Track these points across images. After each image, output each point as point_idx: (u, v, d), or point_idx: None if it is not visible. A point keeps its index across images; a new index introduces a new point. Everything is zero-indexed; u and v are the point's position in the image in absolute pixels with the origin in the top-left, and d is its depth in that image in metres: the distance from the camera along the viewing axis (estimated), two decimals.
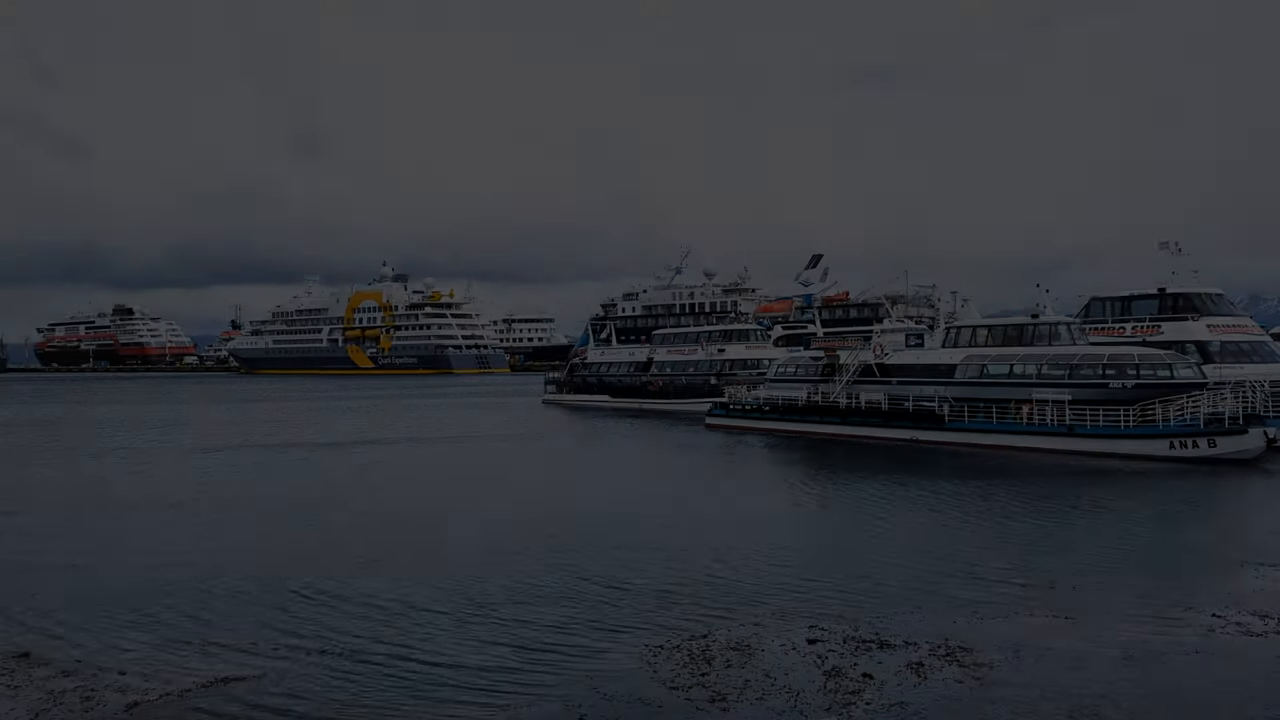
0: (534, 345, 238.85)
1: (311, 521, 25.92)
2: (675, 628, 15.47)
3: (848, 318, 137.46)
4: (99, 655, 14.46)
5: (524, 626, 15.68)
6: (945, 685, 12.56)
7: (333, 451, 45.34)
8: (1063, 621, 15.40)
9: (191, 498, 30.40)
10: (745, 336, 77.19)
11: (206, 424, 66.16)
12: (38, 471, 38.55)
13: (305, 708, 12.29)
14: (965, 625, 15.27)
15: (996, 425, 41.36)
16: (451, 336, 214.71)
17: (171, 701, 12.47)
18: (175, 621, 16.24)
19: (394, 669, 13.71)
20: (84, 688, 13.01)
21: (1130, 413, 37.14)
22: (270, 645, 14.84)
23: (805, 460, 39.24)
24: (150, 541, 23.43)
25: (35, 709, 12.21)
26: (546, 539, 22.95)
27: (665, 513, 26.58)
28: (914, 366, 46.86)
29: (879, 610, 16.27)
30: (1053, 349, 41.58)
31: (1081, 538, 22.40)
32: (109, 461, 41.80)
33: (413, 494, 30.90)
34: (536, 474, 35.80)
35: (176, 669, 13.79)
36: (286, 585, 18.64)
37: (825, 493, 30.08)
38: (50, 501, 30.22)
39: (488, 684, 13.05)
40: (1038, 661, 13.44)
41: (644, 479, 33.84)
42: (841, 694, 12.32)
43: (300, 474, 37.01)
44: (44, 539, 23.85)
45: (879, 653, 13.94)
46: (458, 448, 46.57)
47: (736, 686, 12.65)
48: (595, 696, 12.46)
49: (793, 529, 24.10)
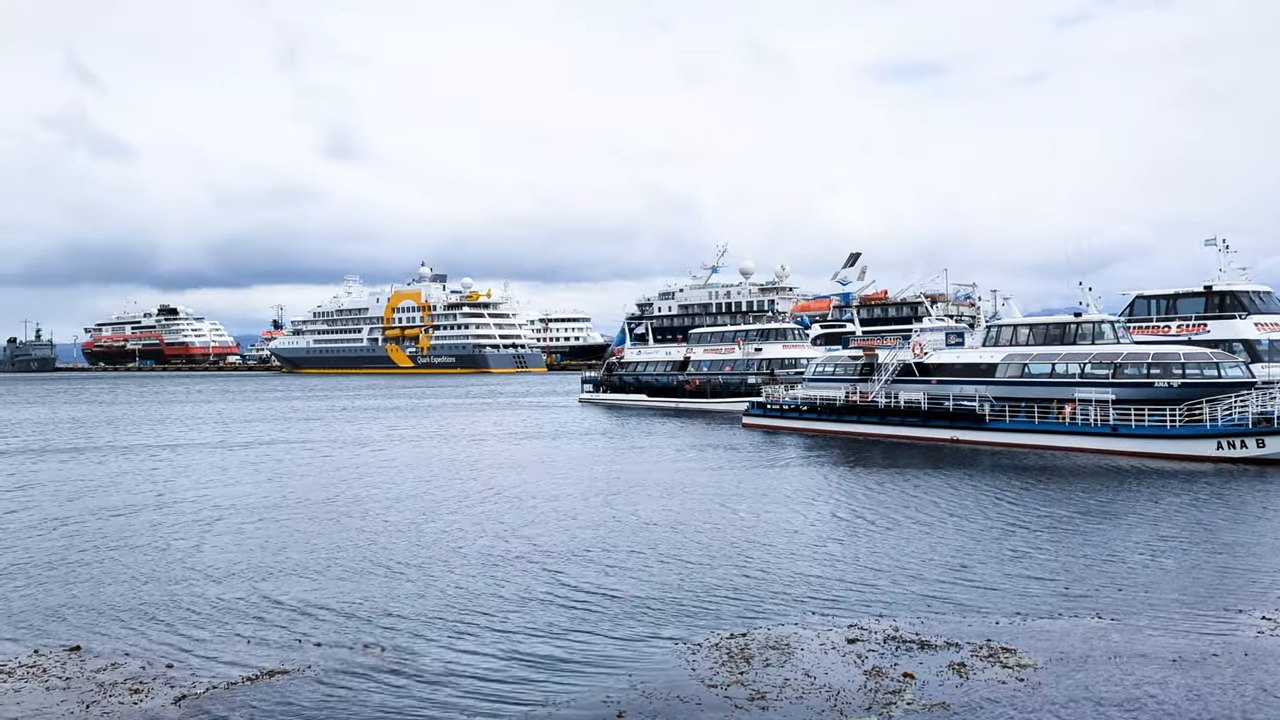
0: (570, 345, 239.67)
1: (358, 517, 26.20)
2: (713, 625, 15.47)
3: (886, 316, 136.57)
4: (147, 648, 14.73)
5: (563, 622, 15.76)
6: (988, 687, 12.44)
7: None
8: (1107, 624, 15.20)
9: (238, 494, 30.87)
10: (783, 335, 76.95)
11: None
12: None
13: (348, 703, 12.43)
14: (1008, 626, 15.12)
15: (1038, 425, 40.91)
16: (489, 336, 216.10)
17: (218, 695, 12.67)
18: (221, 615, 16.50)
19: (436, 665, 13.83)
20: (133, 680, 13.26)
21: (1176, 413, 36.57)
22: (314, 640, 15.03)
23: (843, 460, 39.03)
24: (205, 538, 23.81)
25: (86, 701, 12.45)
26: (585, 536, 23.05)
27: (702, 512, 26.55)
28: (954, 366, 46.46)
29: (920, 611, 16.16)
30: (1096, 348, 41.04)
31: (1126, 539, 22.09)
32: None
33: (454, 491, 31.08)
34: (576, 473, 35.91)
35: (223, 662, 14.01)
36: (330, 580, 18.89)
37: (864, 492, 29.90)
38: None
39: (528, 679, 13.13)
40: (1083, 664, 13.28)
41: (681, 478, 33.83)
42: (882, 693, 12.25)
43: (354, 471, 37.41)
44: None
45: (920, 653, 13.85)
46: (501, 447, 46.86)
47: (775, 685, 12.63)
48: (634, 693, 12.49)
49: (830, 529, 23.99)
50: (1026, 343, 44.03)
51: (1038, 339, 43.71)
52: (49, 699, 12.52)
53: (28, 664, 13.98)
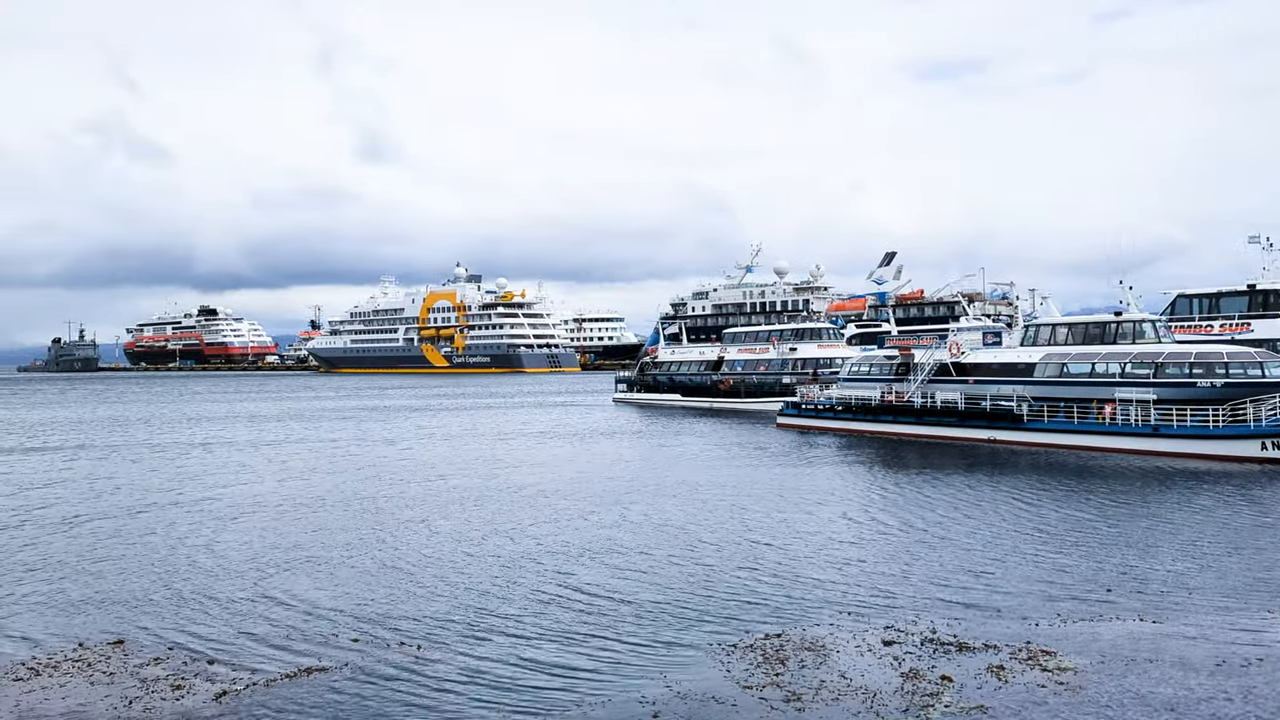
0: (604, 344, 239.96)
1: (395, 515, 26.40)
2: (748, 626, 15.42)
3: (922, 316, 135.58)
4: (189, 643, 14.94)
5: (597, 622, 15.79)
6: (1028, 690, 12.30)
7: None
8: (1149, 626, 14.98)
9: (275, 491, 31.22)
10: (818, 335, 76.54)
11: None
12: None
13: (385, 701, 12.52)
14: (1047, 629, 14.94)
15: (1077, 425, 40.42)
16: (523, 336, 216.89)
17: (257, 691, 12.81)
18: (259, 611, 16.69)
19: (471, 662, 13.90)
20: (174, 675, 13.44)
21: (1219, 413, 35.99)
22: (351, 637, 15.16)
23: (879, 460, 38.77)
24: (241, 534, 24.11)
25: (129, 695, 12.64)
26: (618, 536, 23.07)
27: (736, 512, 26.48)
28: (991, 365, 46.01)
29: (957, 612, 16.01)
30: (1137, 347, 40.47)
31: (1168, 541, 21.75)
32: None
33: (488, 489, 31.23)
34: (610, 473, 35.94)
35: (262, 659, 14.17)
36: (366, 577, 19.05)
37: (899, 493, 29.67)
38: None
39: (563, 678, 13.16)
40: (1125, 667, 13.09)
41: (715, 478, 33.76)
42: (919, 696, 12.15)
43: (397, 467, 37.73)
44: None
45: (958, 655, 13.72)
46: (535, 447, 47.01)
47: (811, 687, 12.56)
48: (669, 694, 12.48)
49: (866, 529, 23.83)
50: (1065, 342, 43.51)
51: (1077, 338, 43.18)
52: (93, 693, 12.73)
53: (72, 657, 14.22)
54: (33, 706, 12.27)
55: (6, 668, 13.80)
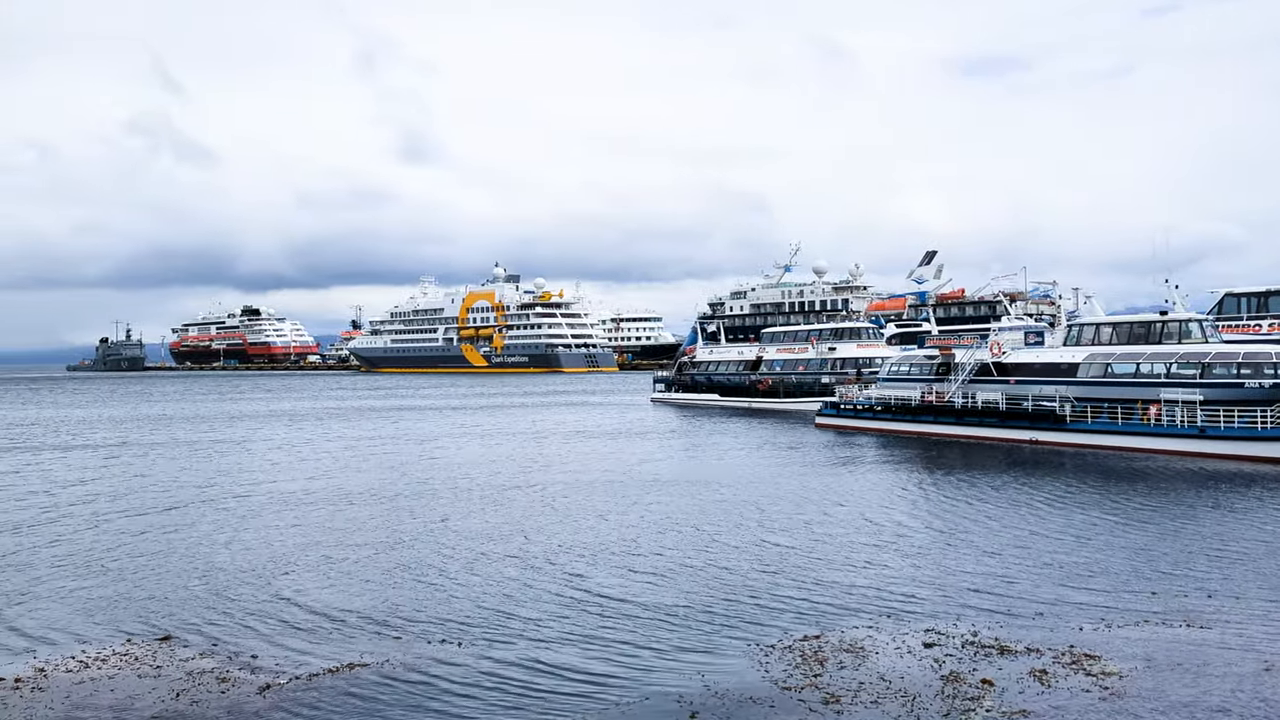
0: (641, 344, 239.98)
1: (436, 512, 26.62)
2: (786, 627, 15.38)
3: (963, 315, 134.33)
4: (234, 639, 15.18)
5: (636, 622, 15.82)
6: (1071, 695, 12.15)
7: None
8: (1196, 631, 14.74)
9: (317, 488, 31.60)
10: (857, 335, 76.08)
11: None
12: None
13: (426, 697, 12.64)
14: (1092, 633, 14.75)
15: (1121, 426, 39.85)
16: (561, 335, 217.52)
17: (301, 686, 12.99)
18: (302, 606, 16.90)
19: (512, 659, 13.99)
20: (220, 670, 13.67)
21: (1268, 414, 35.32)
22: (393, 633, 15.32)
23: (919, 460, 38.47)
24: (283, 530, 24.44)
25: (176, 689, 12.87)
26: (657, 536, 23.10)
27: (774, 512, 26.40)
28: (1033, 365, 45.48)
29: (999, 615, 15.85)
30: (1183, 347, 39.81)
31: (1215, 544, 21.37)
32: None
33: (530, 486, 31.39)
34: (650, 472, 35.97)
35: (306, 654, 14.37)
36: (408, 573, 19.23)
37: (940, 493, 29.43)
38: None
39: (601, 676, 13.20)
40: (1171, 673, 12.89)
41: (754, 478, 33.68)
42: (960, 700, 12.05)
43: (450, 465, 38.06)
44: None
45: (999, 659, 13.58)
46: (576, 446, 47.19)
47: (850, 689, 12.50)
48: (707, 694, 12.48)
49: (906, 530, 23.65)
50: (1110, 342, 42.90)
51: (1121, 338, 42.57)
52: (141, 686, 12.97)
53: (121, 652, 14.51)
54: (84, 698, 12.54)
55: (57, 661, 14.11)
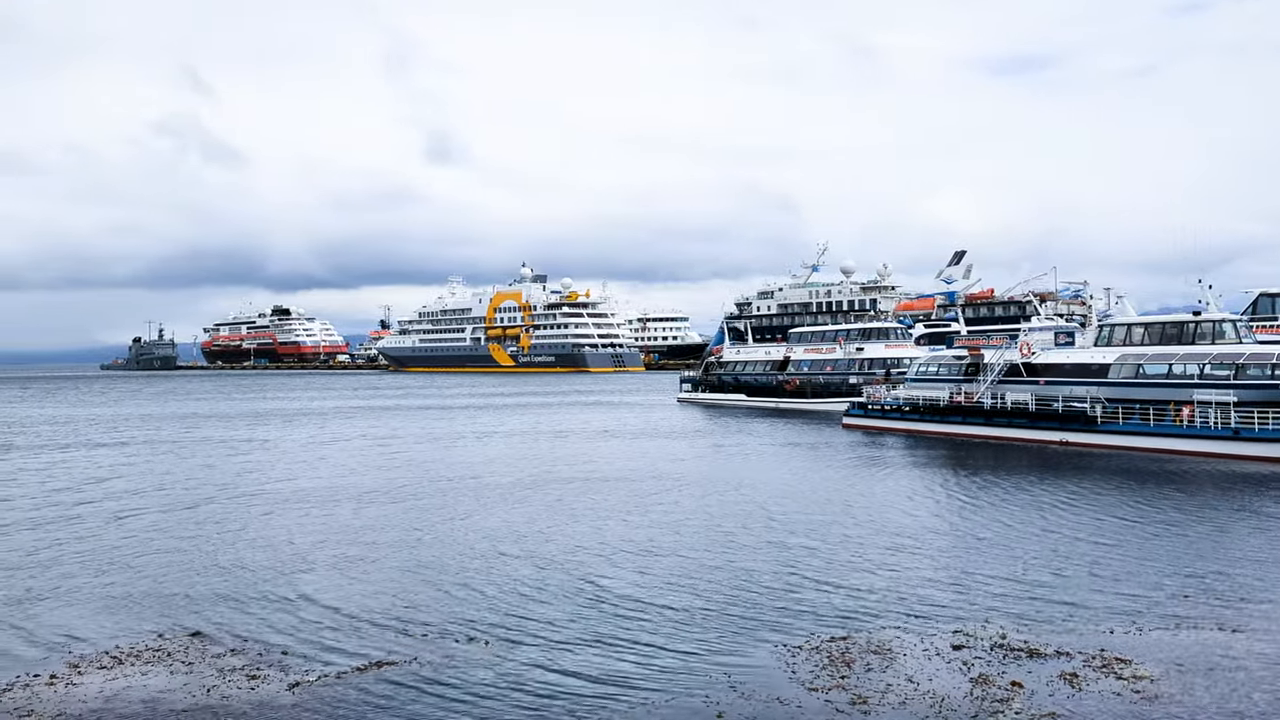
0: (668, 344, 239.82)
1: (463, 510, 26.74)
2: (813, 628, 15.32)
3: (993, 315, 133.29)
4: (263, 635, 15.32)
5: (661, 621, 15.81)
6: (1102, 698, 12.03)
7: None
8: (1229, 635, 14.55)
9: (345, 486, 31.83)
10: (885, 335, 75.63)
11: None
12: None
13: (453, 696, 12.69)
14: (1123, 636, 14.59)
15: (1153, 428, 39.39)
16: (588, 335, 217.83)
17: (329, 682, 13.09)
18: (330, 603, 17.03)
19: (538, 658, 14.03)
20: (250, 666, 13.80)
21: None
22: (420, 632, 15.40)
23: (948, 461, 38.21)
24: (310, 527, 24.63)
25: (207, 685, 13.01)
26: (685, 536, 23.08)
27: (802, 512, 26.31)
28: (1064, 366, 45.05)
29: (1028, 617, 15.72)
30: (1216, 348, 39.30)
31: (1248, 547, 21.08)
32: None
33: (557, 484, 31.47)
34: (678, 472, 35.95)
35: (333, 651, 14.48)
36: (434, 571, 19.33)
37: (968, 494, 29.21)
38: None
39: (628, 676, 13.21)
40: (1203, 677, 12.73)
41: (782, 478, 33.59)
42: (989, 702, 11.96)
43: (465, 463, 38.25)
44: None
45: (1029, 661, 13.47)
46: (603, 445, 47.28)
47: (878, 690, 12.44)
48: (733, 694, 12.46)
49: (934, 531, 23.50)
50: (1141, 342, 42.43)
51: (1153, 339, 42.09)
52: (173, 681, 13.12)
53: (153, 647, 14.68)
54: (116, 693, 12.69)
55: (91, 656, 14.30)
